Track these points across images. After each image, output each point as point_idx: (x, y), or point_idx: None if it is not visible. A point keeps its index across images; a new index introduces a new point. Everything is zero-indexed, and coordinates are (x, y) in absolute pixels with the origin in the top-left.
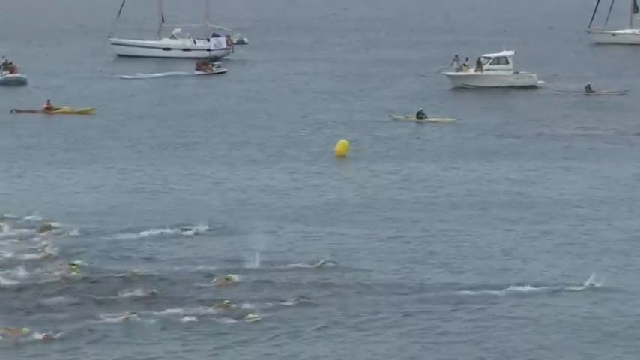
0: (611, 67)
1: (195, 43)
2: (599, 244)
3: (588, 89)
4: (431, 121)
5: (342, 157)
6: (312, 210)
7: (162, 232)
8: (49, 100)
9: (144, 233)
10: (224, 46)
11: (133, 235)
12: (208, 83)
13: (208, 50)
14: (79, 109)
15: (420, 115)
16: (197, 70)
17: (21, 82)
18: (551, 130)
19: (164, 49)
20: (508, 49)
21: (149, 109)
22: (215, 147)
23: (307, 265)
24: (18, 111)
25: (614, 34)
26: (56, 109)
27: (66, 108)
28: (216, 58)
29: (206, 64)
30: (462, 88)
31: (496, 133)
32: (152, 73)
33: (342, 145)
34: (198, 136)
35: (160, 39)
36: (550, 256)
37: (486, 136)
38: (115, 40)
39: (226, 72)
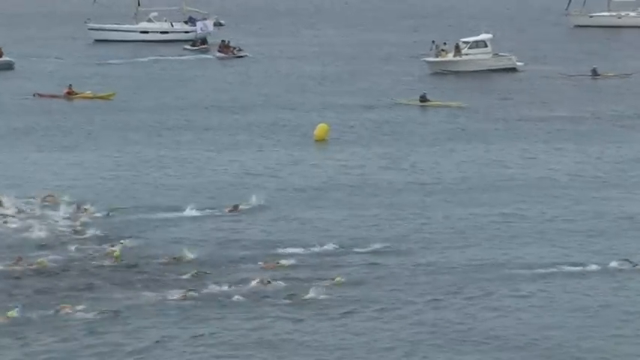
0: (589, 49)
1: (172, 26)
2: (603, 226)
3: (594, 72)
4: (434, 105)
5: (321, 141)
6: (335, 192)
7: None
8: (70, 85)
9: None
10: (211, 29)
11: (167, 215)
12: (225, 65)
13: (186, 32)
14: (99, 94)
15: (423, 99)
16: (219, 52)
17: (8, 66)
18: (558, 113)
19: (141, 32)
20: (486, 32)
21: (159, 92)
22: (210, 131)
23: (332, 247)
24: (40, 95)
25: (591, 16)
26: (77, 94)
27: (86, 93)
28: (204, 41)
29: (228, 47)
30: (442, 73)
31: (498, 117)
32: (146, 56)
33: (321, 128)
34: (201, 121)
35: (136, 23)
36: (559, 239)
37: (487, 120)
38: (91, 25)
39: (247, 56)
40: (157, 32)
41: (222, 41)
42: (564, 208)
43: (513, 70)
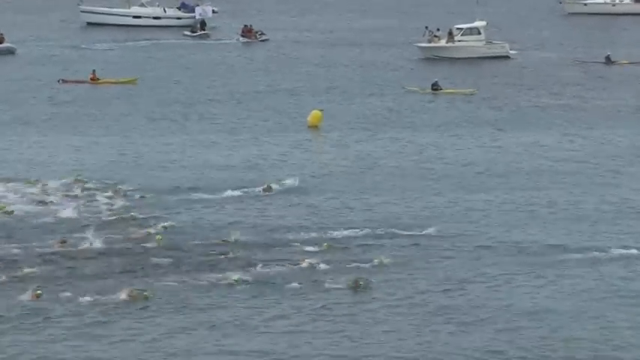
0: (585, 36)
1: (165, 12)
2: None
3: (608, 60)
4: (447, 92)
5: (314, 127)
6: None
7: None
8: (94, 71)
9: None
10: (210, 14)
11: (194, 196)
12: (247, 49)
13: (178, 19)
14: (122, 79)
15: (435, 87)
16: (242, 36)
17: (10, 52)
18: (566, 100)
19: (134, 17)
20: (480, 20)
21: (173, 77)
22: (220, 116)
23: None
24: (64, 81)
25: (585, 4)
26: (100, 80)
27: (110, 78)
28: (203, 27)
29: (250, 31)
30: (434, 58)
31: (504, 104)
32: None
33: (314, 115)
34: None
35: (129, 7)
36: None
37: (497, 107)
38: (84, 7)
39: (269, 40)
40: (150, 17)
41: (245, 25)
42: (574, 194)
43: (506, 57)
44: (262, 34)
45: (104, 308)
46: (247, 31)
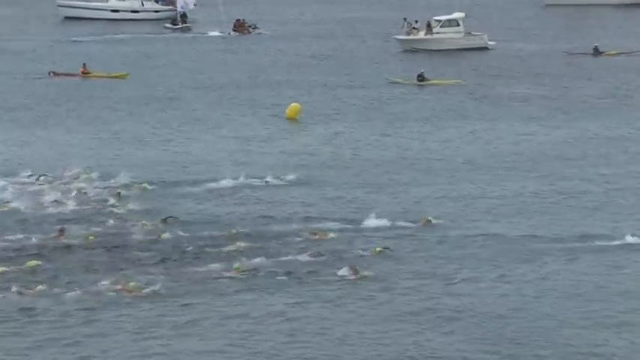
0: (564, 27)
1: (142, 5)
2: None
3: (596, 51)
4: (432, 84)
5: (293, 119)
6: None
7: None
8: (84, 64)
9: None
10: (191, 7)
11: (192, 189)
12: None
13: (156, 12)
14: (113, 74)
15: (420, 78)
16: (234, 30)
17: None
18: (549, 91)
19: (112, 10)
20: (459, 11)
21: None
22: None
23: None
24: (55, 74)
25: None
26: (91, 73)
27: (101, 72)
28: (184, 19)
29: (243, 25)
30: (412, 51)
31: (488, 94)
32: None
33: (292, 108)
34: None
35: (107, 1)
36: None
37: (481, 98)
38: (61, 2)
39: (262, 33)
40: (128, 11)
41: (237, 20)
42: (559, 185)
43: (485, 49)
44: (256, 27)
45: (97, 303)
46: (239, 26)
